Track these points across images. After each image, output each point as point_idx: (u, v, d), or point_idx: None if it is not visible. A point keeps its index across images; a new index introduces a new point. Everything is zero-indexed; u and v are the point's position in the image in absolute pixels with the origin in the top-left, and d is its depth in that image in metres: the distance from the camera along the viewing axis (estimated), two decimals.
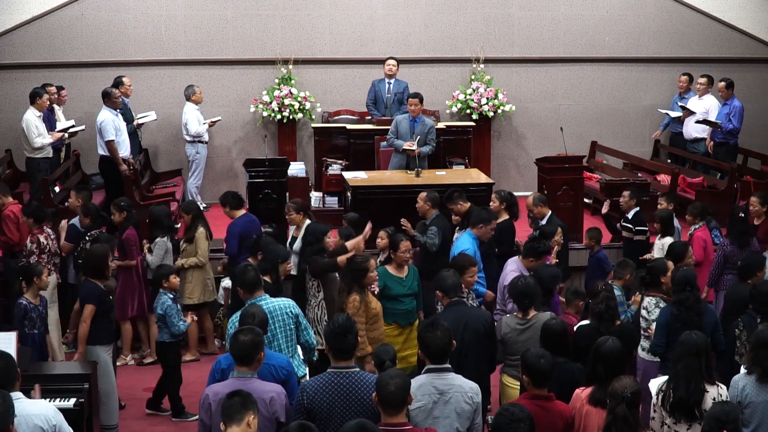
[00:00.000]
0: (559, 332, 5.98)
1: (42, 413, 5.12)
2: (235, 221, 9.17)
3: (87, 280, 7.46)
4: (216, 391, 5.21)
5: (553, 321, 6.20)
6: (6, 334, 6.62)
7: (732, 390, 5.61)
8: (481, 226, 8.25)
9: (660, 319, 6.87)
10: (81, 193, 9.45)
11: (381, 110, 12.32)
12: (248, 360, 5.25)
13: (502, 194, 9.05)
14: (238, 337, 5.28)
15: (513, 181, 13.71)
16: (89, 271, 7.47)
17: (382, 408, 4.84)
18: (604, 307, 6.54)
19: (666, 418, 5.43)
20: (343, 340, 5.31)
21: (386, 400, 4.80)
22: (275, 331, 6.36)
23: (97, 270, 7.39)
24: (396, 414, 4.82)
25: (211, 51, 13.14)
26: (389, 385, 4.81)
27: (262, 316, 5.88)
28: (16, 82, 12.56)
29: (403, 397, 4.82)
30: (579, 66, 13.79)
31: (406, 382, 4.89)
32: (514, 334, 6.54)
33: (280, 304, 6.51)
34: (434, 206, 9.04)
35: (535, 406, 5.26)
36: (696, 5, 13.81)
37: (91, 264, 7.46)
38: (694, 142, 12.81)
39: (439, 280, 6.71)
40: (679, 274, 6.94)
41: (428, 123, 11.12)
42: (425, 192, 9.17)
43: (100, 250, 7.52)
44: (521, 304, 6.61)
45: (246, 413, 4.64)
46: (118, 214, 9.14)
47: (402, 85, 12.30)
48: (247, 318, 5.80)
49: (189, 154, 12.41)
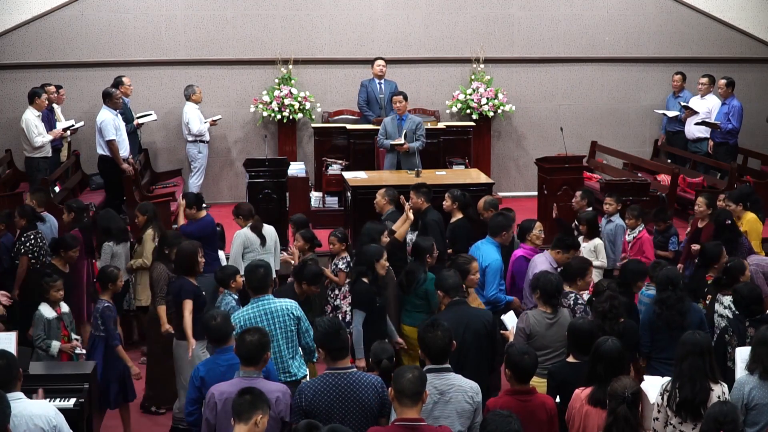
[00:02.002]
0: (586, 331, 5.95)
1: (43, 414, 5.10)
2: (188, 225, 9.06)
3: (180, 278, 7.43)
4: (222, 390, 5.23)
5: (581, 320, 6.21)
6: (6, 334, 6.62)
7: (736, 392, 5.60)
8: (504, 233, 8.19)
9: (643, 318, 6.90)
10: (35, 195, 9.35)
11: (376, 110, 12.33)
12: (255, 360, 5.29)
13: (455, 194, 8.93)
14: (245, 338, 5.31)
15: (513, 181, 13.73)
16: (180, 269, 7.45)
17: (398, 401, 4.82)
18: (608, 306, 6.52)
19: (672, 418, 5.42)
20: (337, 338, 5.32)
21: (403, 389, 4.79)
22: (275, 332, 6.35)
23: (188, 267, 7.39)
24: (412, 406, 4.81)
25: (211, 51, 13.15)
26: (407, 374, 4.84)
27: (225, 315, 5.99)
28: (16, 82, 12.55)
29: (420, 389, 4.83)
30: (579, 66, 13.80)
31: (423, 375, 4.91)
32: (542, 329, 6.50)
33: (282, 306, 6.50)
34: (391, 202, 9.07)
35: (517, 401, 5.36)
36: (696, 5, 13.81)
37: (182, 261, 7.44)
38: (696, 142, 12.82)
39: (440, 280, 6.71)
40: (662, 273, 6.94)
41: (415, 120, 11.17)
42: (384, 188, 9.23)
43: (190, 248, 7.49)
44: (552, 300, 6.56)
45: (255, 412, 4.69)
46: (67, 215, 9.08)
47: (392, 84, 12.34)
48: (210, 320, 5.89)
49: (190, 154, 12.41)
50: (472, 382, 5.39)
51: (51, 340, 7.27)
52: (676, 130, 13.20)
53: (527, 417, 5.28)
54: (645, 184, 11.20)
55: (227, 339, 5.86)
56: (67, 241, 8.29)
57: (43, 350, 7.27)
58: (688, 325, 6.55)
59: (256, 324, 6.23)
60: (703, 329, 6.61)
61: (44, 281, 7.45)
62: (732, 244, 8.59)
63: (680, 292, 6.79)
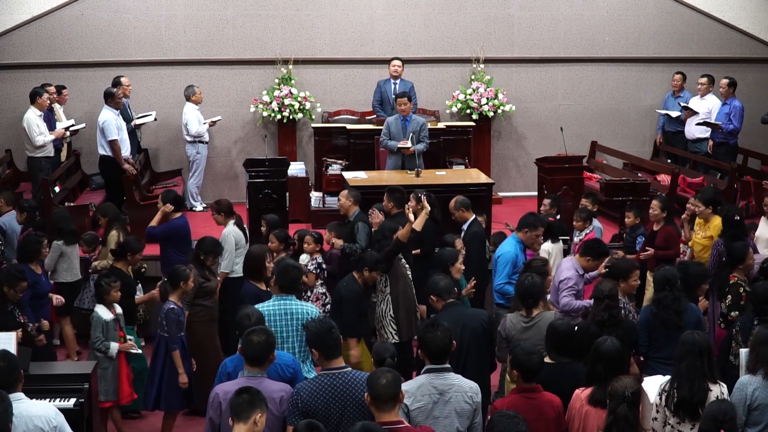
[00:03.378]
0: (564, 332, 5.96)
1: (43, 414, 5.11)
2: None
3: (247, 281, 7.42)
4: (226, 390, 5.21)
5: (559, 321, 6.20)
6: (6, 334, 6.63)
7: (739, 393, 5.58)
8: (527, 231, 8.11)
9: (641, 318, 6.90)
10: (2, 194, 9.39)
11: (388, 111, 12.22)
12: (261, 361, 5.29)
13: (418, 195, 8.83)
14: (251, 338, 5.28)
15: (513, 181, 13.73)
16: (248, 272, 7.45)
17: (375, 406, 4.83)
18: (606, 316, 6.52)
19: (670, 418, 5.42)
20: (329, 336, 5.30)
21: (378, 395, 4.80)
22: (291, 333, 6.38)
23: (255, 271, 7.37)
24: (389, 411, 4.81)
25: (211, 51, 13.15)
26: (380, 379, 4.82)
27: (258, 315, 5.92)
28: (16, 82, 12.55)
29: (396, 392, 4.82)
30: (579, 66, 13.80)
31: (396, 377, 4.90)
32: (518, 332, 6.54)
33: (303, 309, 6.51)
34: (356, 203, 9.05)
35: (525, 399, 5.39)
36: (696, 5, 13.81)
37: (249, 265, 7.43)
38: (696, 142, 12.82)
39: (431, 285, 6.66)
40: (660, 273, 6.92)
41: (420, 120, 11.13)
42: (347, 189, 9.23)
43: (258, 252, 7.47)
44: (525, 303, 6.60)
45: (253, 411, 4.67)
46: (20, 215, 9.12)
47: (408, 85, 12.26)
48: (244, 319, 5.83)
49: (189, 154, 12.40)
50: (471, 383, 5.39)
51: (109, 341, 7.32)
52: (676, 130, 13.20)
53: (536, 414, 5.32)
54: (645, 184, 11.21)
55: None
56: (132, 244, 8.31)
57: (102, 352, 7.32)
58: (685, 324, 6.55)
59: (274, 319, 6.31)
60: (701, 329, 6.62)
61: (104, 282, 7.46)
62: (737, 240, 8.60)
63: (677, 291, 6.78)
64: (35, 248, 8.11)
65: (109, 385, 7.37)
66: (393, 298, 7.79)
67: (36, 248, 8.11)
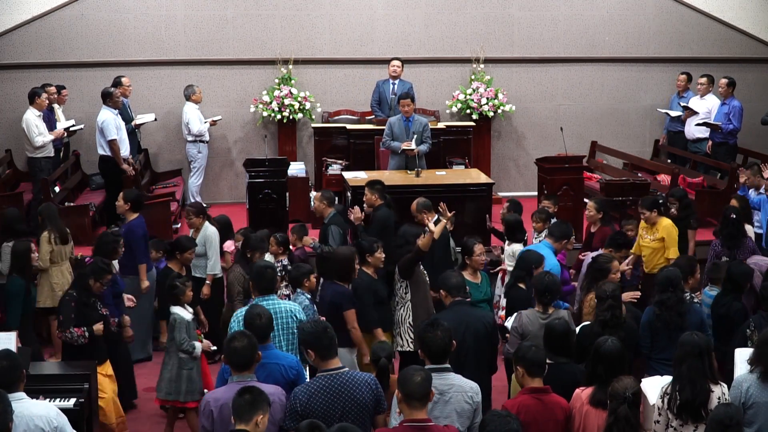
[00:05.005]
0: (561, 332, 5.96)
1: (44, 414, 5.11)
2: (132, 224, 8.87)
3: (333, 283, 7.29)
4: (216, 397, 5.18)
5: (556, 321, 6.19)
6: (6, 334, 6.63)
7: (735, 390, 5.60)
8: (565, 241, 8.24)
9: (643, 319, 6.90)
10: None
11: (386, 111, 12.23)
12: (247, 365, 5.23)
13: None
14: (234, 345, 5.21)
15: (513, 181, 13.73)
16: (335, 274, 7.32)
17: (406, 403, 4.83)
18: (609, 316, 6.51)
19: (672, 420, 5.42)
20: (325, 336, 5.29)
21: (411, 393, 4.81)
22: (277, 332, 6.34)
23: (344, 272, 7.28)
24: (420, 408, 4.83)
25: (211, 51, 13.14)
26: (414, 377, 4.84)
27: (268, 315, 5.87)
28: (16, 82, 12.55)
29: (427, 390, 4.85)
30: (579, 66, 13.80)
31: (428, 376, 4.92)
32: (535, 329, 6.51)
33: (286, 307, 6.52)
34: (330, 205, 9.00)
35: (534, 399, 5.33)
36: (696, 5, 13.81)
37: (336, 266, 7.33)
38: (696, 142, 12.81)
39: (443, 279, 6.71)
40: (662, 274, 6.94)
41: (423, 121, 11.10)
42: (320, 192, 9.22)
43: (347, 253, 7.37)
44: (543, 299, 6.62)
45: (255, 412, 4.67)
46: None
47: (407, 85, 12.24)
48: (255, 318, 5.76)
49: (190, 154, 12.39)
50: (471, 383, 5.39)
51: (193, 342, 7.28)
52: (677, 130, 13.20)
53: (546, 415, 5.30)
54: (645, 184, 11.21)
55: (267, 337, 5.79)
56: (183, 243, 8.32)
57: (188, 353, 7.25)
58: (687, 326, 6.56)
59: None
60: (703, 330, 6.62)
61: (177, 283, 7.39)
62: (734, 240, 8.59)
63: (680, 293, 6.80)
64: (112, 247, 7.96)
65: (194, 384, 7.29)
66: (414, 305, 7.72)
67: (113, 247, 7.95)
